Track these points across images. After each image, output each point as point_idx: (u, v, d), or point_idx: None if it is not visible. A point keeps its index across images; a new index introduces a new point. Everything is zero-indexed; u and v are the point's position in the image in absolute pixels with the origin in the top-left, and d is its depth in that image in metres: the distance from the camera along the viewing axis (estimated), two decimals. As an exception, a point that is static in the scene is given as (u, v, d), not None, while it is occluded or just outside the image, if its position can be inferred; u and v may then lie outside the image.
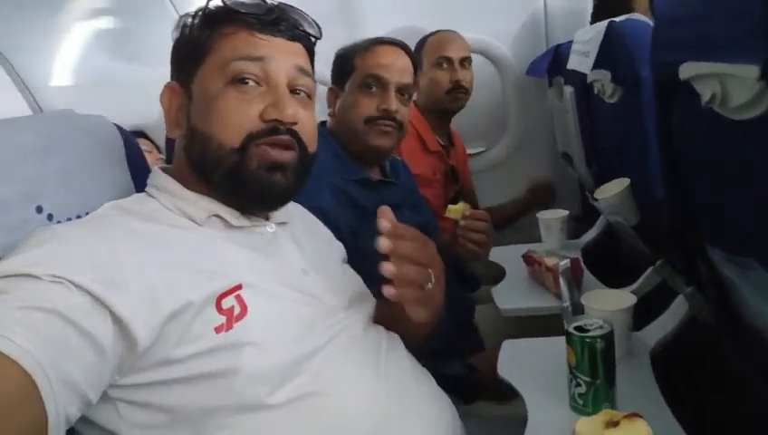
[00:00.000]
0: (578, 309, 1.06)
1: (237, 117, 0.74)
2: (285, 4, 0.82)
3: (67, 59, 2.08)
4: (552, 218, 1.48)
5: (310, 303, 0.79)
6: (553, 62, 1.76)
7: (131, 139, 0.93)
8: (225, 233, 0.78)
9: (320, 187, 1.18)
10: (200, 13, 0.80)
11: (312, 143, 0.81)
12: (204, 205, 0.77)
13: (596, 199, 1.25)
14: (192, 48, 0.79)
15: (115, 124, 0.89)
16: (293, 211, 0.96)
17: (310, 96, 0.83)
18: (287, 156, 0.77)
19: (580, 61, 1.19)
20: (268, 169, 0.75)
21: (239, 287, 0.70)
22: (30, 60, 2.13)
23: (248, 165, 0.75)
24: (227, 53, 0.76)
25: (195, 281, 0.67)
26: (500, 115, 2.23)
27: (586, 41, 1.16)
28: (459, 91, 1.81)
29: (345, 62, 1.30)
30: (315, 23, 0.86)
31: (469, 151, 2.17)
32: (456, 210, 1.29)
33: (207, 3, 0.79)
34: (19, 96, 2.18)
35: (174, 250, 0.70)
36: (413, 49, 1.87)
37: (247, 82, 0.75)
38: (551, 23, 2.04)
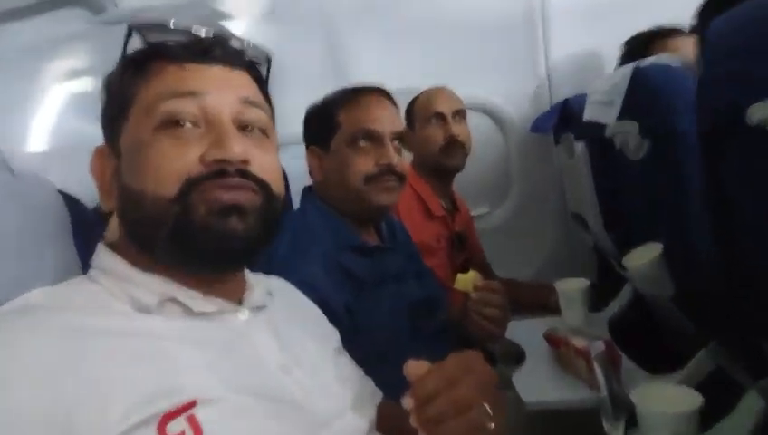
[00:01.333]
0: (619, 402, 0.88)
1: (172, 163, 0.60)
2: (220, 33, 0.69)
3: (43, 123, 1.97)
4: (573, 290, 1.31)
5: (291, 415, 0.63)
6: (562, 117, 1.64)
7: (82, 206, 0.78)
8: (181, 324, 0.62)
9: (307, 258, 1.03)
10: (121, 61, 0.67)
11: (275, 183, 0.66)
12: (155, 286, 0.62)
13: (623, 268, 1.10)
14: (117, 101, 0.66)
15: (61, 191, 0.74)
16: (275, 286, 0.80)
17: (265, 132, 0.68)
18: (243, 196, 0.62)
19: (601, 111, 1.06)
20: (220, 214, 0.60)
21: (192, 405, 0.54)
22: (4, 125, 2.01)
23: (193, 213, 0.60)
24: (154, 93, 0.63)
25: (131, 397, 0.51)
26: (503, 174, 2.11)
27: (607, 89, 1.04)
28: (455, 148, 1.69)
29: (326, 119, 1.18)
30: (262, 49, 0.73)
31: (472, 213, 2.02)
32: (466, 280, 1.13)
33: (124, 46, 0.66)
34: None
35: (108, 355, 0.54)
36: (404, 111, 1.78)
37: (182, 125, 0.62)
38: (554, 79, 1.95)
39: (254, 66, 0.71)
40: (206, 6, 1.75)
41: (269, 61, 0.74)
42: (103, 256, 0.65)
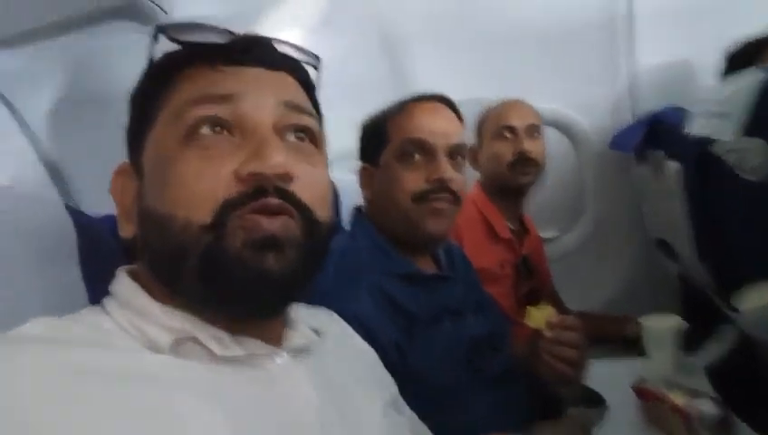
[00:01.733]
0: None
1: (204, 181, 0.50)
2: (262, 36, 0.59)
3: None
4: (662, 329, 1.12)
5: None
6: (649, 133, 1.46)
7: (94, 227, 0.69)
8: (199, 371, 0.50)
9: (354, 288, 0.90)
10: (147, 68, 0.58)
11: (321, 207, 0.55)
12: (173, 323, 0.51)
13: (731, 307, 0.92)
14: (141, 112, 0.56)
15: (68, 206, 0.65)
16: (323, 322, 0.68)
17: (314, 142, 0.58)
18: (278, 224, 0.51)
19: (712, 125, 0.89)
20: (258, 247, 0.50)
21: None
22: (56, 138, 2.03)
23: (228, 244, 0.49)
24: (183, 98, 0.53)
25: None
26: (576, 195, 1.93)
27: (720, 100, 0.87)
28: (526, 165, 1.52)
29: (376, 133, 1.05)
30: (309, 51, 0.62)
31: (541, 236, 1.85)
32: (539, 316, 0.98)
33: (150, 49, 0.57)
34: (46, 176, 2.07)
35: (102, 405, 0.43)
36: (476, 125, 1.63)
37: (213, 133, 0.52)
38: (637, 90, 1.76)
39: (300, 68, 0.61)
40: (258, 16, 1.70)
41: (318, 64, 0.63)
42: (119, 283, 0.55)
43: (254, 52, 0.56)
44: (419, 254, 1.05)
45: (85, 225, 0.69)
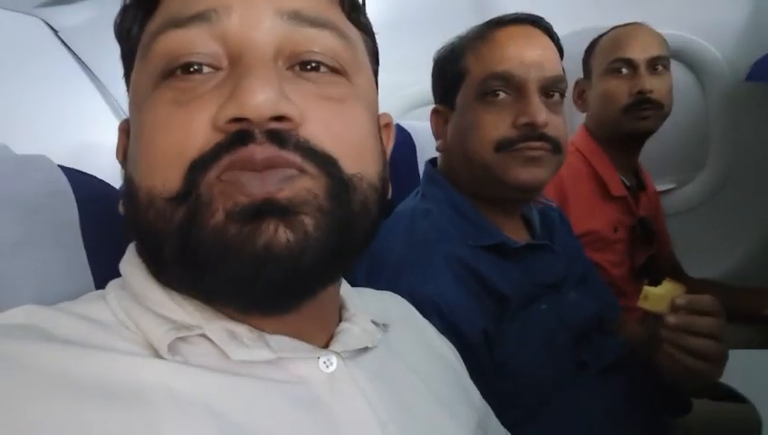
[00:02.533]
0: None
1: (171, 135, 0.36)
2: None
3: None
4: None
5: None
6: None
7: (102, 194, 0.56)
8: (208, 383, 0.36)
9: (428, 264, 0.72)
10: None
11: (353, 156, 0.39)
12: (177, 314, 0.38)
13: None
14: (125, 39, 0.43)
15: (65, 169, 0.52)
16: (392, 312, 0.53)
17: (340, 70, 0.40)
18: (282, 179, 0.35)
19: None
20: (247, 217, 0.34)
21: None
22: (125, 89, 2.00)
23: (205, 219, 0.35)
24: (154, 24, 0.40)
25: None
26: (699, 139, 1.61)
27: None
28: (645, 107, 1.22)
29: (451, 66, 0.84)
30: None
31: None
32: (660, 297, 0.75)
33: None
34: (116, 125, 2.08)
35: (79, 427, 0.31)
36: (583, 56, 1.35)
37: (193, 71, 0.37)
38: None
39: None
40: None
41: None
42: (124, 262, 0.42)
43: None
44: (508, 216, 0.85)
45: (91, 189, 0.56)
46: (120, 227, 0.46)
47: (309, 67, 0.39)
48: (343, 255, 0.38)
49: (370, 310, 0.48)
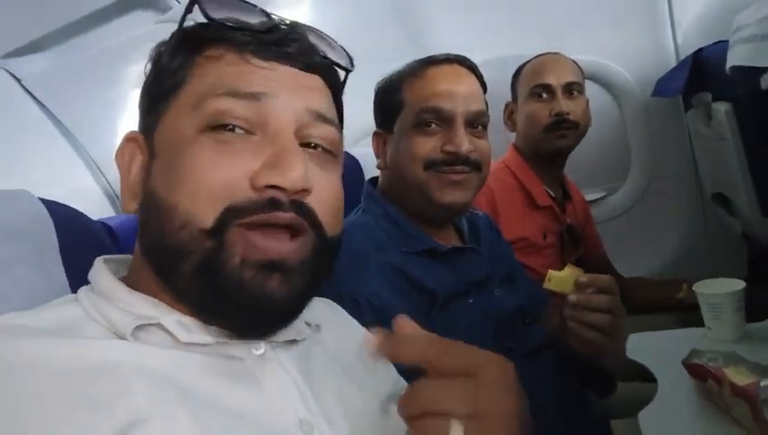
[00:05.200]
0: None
1: (215, 178, 0.47)
2: (300, 24, 0.55)
3: (128, 127, 1.98)
4: (721, 295, 0.99)
5: None
6: (692, 73, 1.31)
7: (77, 221, 0.65)
8: (165, 359, 0.47)
9: (365, 268, 0.84)
10: (176, 34, 0.54)
11: (333, 223, 0.53)
12: (138, 308, 0.49)
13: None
14: (162, 81, 0.53)
15: (44, 201, 0.62)
16: (323, 313, 0.64)
17: (333, 153, 0.55)
18: (291, 248, 0.49)
19: (755, 50, 0.75)
20: (259, 269, 0.47)
21: None
22: (93, 134, 2.05)
23: (227, 258, 0.47)
24: (206, 84, 0.50)
25: None
26: (621, 152, 1.79)
27: (761, 19, 0.73)
28: (563, 126, 1.38)
29: (390, 97, 0.97)
30: (344, 50, 0.59)
31: (586, 199, 1.73)
32: (562, 279, 0.85)
33: (183, 18, 0.54)
34: (87, 172, 2.10)
35: (57, 394, 0.41)
36: (511, 81, 1.51)
37: (233, 130, 0.49)
38: (682, 31, 1.59)
39: (333, 71, 0.57)
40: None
41: (351, 68, 0.60)
42: (94, 271, 0.53)
43: (289, 47, 0.52)
44: (438, 226, 0.97)
45: (65, 218, 0.65)
46: (92, 248, 0.57)
47: (313, 146, 0.52)
48: (314, 293, 0.53)
49: (304, 313, 0.59)
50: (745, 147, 1.08)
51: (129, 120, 1.96)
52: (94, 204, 1.99)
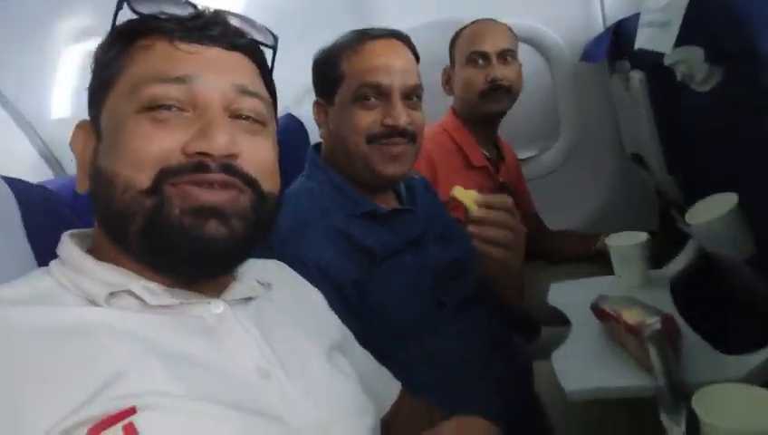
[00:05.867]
0: (679, 389, 0.73)
1: (149, 148, 0.54)
2: (222, 10, 0.62)
3: (62, 88, 1.92)
4: (628, 246, 1.12)
5: (260, 426, 0.53)
6: (614, 42, 1.41)
7: (39, 196, 0.69)
8: (135, 319, 0.54)
9: (309, 231, 0.91)
10: (109, 31, 0.60)
11: (267, 179, 0.60)
12: (107, 277, 0.55)
13: (687, 224, 0.91)
14: (100, 76, 0.59)
15: (5, 178, 0.65)
16: (273, 272, 0.72)
17: (262, 122, 0.62)
18: (223, 197, 0.55)
19: (654, 36, 0.85)
20: (197, 216, 0.54)
21: (130, 412, 0.46)
22: (27, 94, 1.98)
23: (167, 210, 0.54)
24: (139, 72, 0.57)
25: (61, 402, 0.45)
26: (552, 112, 1.89)
27: (662, 7, 0.83)
28: (498, 92, 1.48)
29: (329, 69, 1.02)
30: (267, 30, 0.66)
31: (519, 157, 1.83)
32: (464, 193, 0.89)
33: (115, 15, 0.59)
34: (20, 133, 2.03)
35: (40, 354, 0.47)
36: (449, 46, 1.57)
37: (167, 109, 0.56)
38: (608, 2, 1.68)
39: (257, 49, 0.64)
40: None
41: (275, 43, 0.67)
42: (62, 246, 0.59)
43: (213, 30, 0.59)
44: (378, 190, 1.04)
45: (26, 193, 0.68)
46: (53, 220, 0.61)
47: (243, 117, 0.59)
48: (255, 242, 0.59)
49: (256, 273, 0.68)
50: (655, 112, 1.19)
51: (62, 80, 1.90)
52: (29, 165, 1.94)
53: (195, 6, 0.60)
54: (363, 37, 1.01)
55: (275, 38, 0.66)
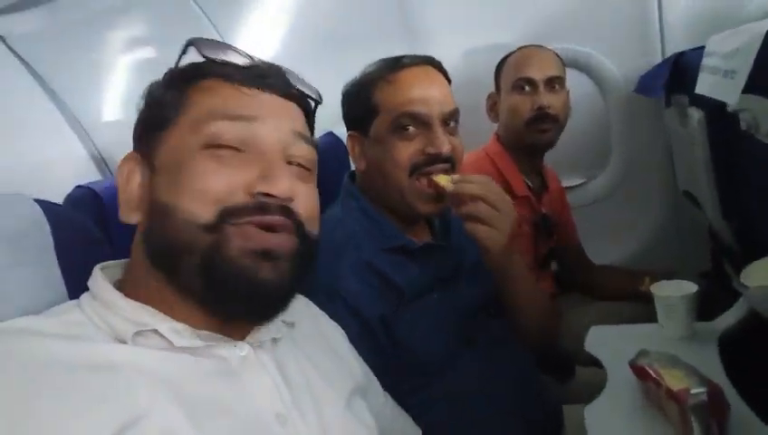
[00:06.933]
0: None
1: (213, 183, 0.55)
2: (276, 65, 0.66)
3: (115, 93, 1.98)
4: (675, 298, 1.05)
5: None
6: (673, 75, 1.34)
7: (70, 220, 0.69)
8: (161, 360, 0.54)
9: (339, 264, 0.89)
10: (170, 73, 0.63)
11: (313, 225, 0.62)
12: (136, 316, 0.55)
13: (742, 285, 0.85)
14: (159, 111, 0.61)
15: (39, 202, 0.65)
16: (298, 311, 0.70)
17: (309, 169, 0.64)
18: (281, 240, 0.57)
19: (718, 84, 0.79)
20: (254, 257, 0.55)
21: None
22: (81, 98, 2.04)
23: (226, 248, 0.54)
24: (204, 109, 0.58)
25: None
26: (602, 141, 1.82)
27: (728, 53, 0.77)
28: (545, 122, 1.42)
29: (362, 101, 0.99)
30: (311, 85, 0.69)
31: (565, 184, 1.77)
32: (443, 178, 0.92)
33: (179, 59, 0.63)
34: (73, 135, 2.10)
35: (65, 390, 0.47)
36: (495, 71, 1.53)
37: (229, 148, 0.57)
38: (670, 29, 1.60)
39: (305, 99, 0.67)
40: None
41: (318, 97, 0.69)
42: (93, 280, 0.59)
43: (272, 79, 0.62)
44: (412, 223, 1.01)
45: (60, 216, 0.68)
46: (85, 246, 0.61)
47: (294, 163, 0.61)
48: (300, 283, 0.60)
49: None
50: (713, 154, 1.12)
51: (115, 85, 1.96)
52: (82, 168, 2.00)
53: (252, 58, 0.63)
54: (396, 66, 0.98)
55: (319, 94, 0.69)
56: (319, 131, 1.44)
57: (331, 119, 1.76)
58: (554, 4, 1.69)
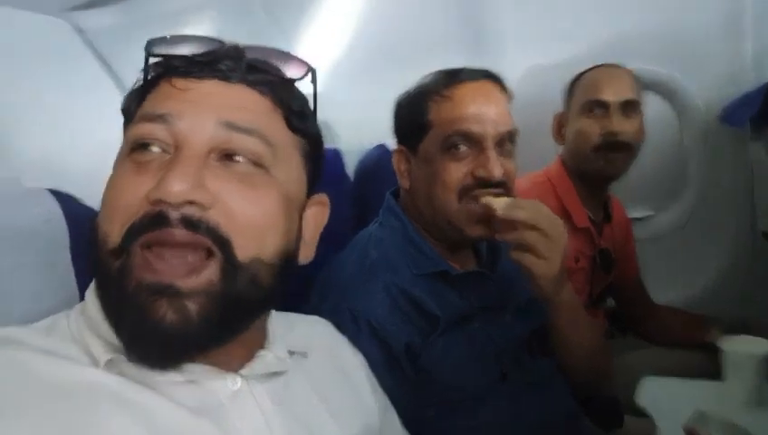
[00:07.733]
0: None
1: (121, 196, 0.48)
2: (250, 46, 0.55)
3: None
4: (745, 355, 0.95)
5: None
6: (764, 106, 1.21)
7: (86, 216, 0.68)
8: (136, 391, 0.47)
9: (372, 285, 0.85)
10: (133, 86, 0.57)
11: (250, 241, 0.49)
12: (114, 339, 0.48)
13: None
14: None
15: (60, 198, 0.64)
16: (314, 337, 0.65)
17: (261, 166, 0.52)
18: (182, 271, 0.46)
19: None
20: (150, 294, 0.45)
21: None
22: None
23: (127, 283, 0.46)
24: (138, 115, 0.52)
25: None
26: (675, 171, 1.68)
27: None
28: (614, 150, 1.28)
29: (415, 116, 0.94)
30: (304, 62, 0.58)
31: (631, 215, 1.64)
32: (495, 200, 0.86)
33: (145, 67, 0.55)
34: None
35: (29, 414, 0.43)
36: (566, 90, 1.41)
37: (150, 150, 0.50)
38: (762, 54, 1.46)
39: (272, 82, 0.55)
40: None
41: (313, 75, 0.58)
42: (88, 290, 0.53)
43: (219, 65, 0.52)
44: (457, 248, 0.96)
45: (75, 211, 0.67)
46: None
47: (236, 159, 0.51)
48: (228, 322, 0.49)
49: (295, 336, 0.61)
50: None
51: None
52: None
53: (221, 42, 0.54)
54: (453, 80, 0.92)
55: (310, 71, 0.58)
56: (374, 143, 1.41)
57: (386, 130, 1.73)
58: (634, 20, 1.57)
